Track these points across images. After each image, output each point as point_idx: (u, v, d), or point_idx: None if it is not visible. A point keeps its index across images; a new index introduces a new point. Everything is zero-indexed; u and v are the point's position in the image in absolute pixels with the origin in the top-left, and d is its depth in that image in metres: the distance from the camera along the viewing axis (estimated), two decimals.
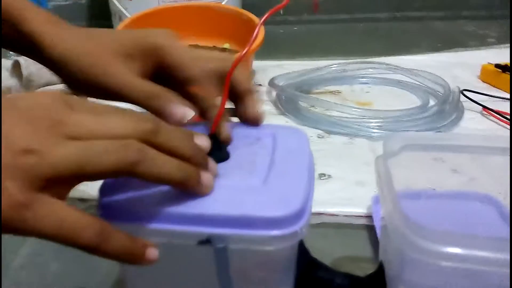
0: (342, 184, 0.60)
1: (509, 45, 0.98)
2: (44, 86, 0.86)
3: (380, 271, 0.38)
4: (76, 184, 0.26)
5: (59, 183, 0.25)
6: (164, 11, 0.98)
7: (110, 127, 0.27)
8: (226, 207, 0.30)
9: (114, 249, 0.27)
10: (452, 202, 0.47)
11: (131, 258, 0.28)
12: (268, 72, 0.90)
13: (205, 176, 0.31)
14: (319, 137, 0.71)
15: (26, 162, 0.24)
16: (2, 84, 0.87)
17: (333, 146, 0.69)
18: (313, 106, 0.77)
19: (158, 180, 0.28)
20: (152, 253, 0.28)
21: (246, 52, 0.35)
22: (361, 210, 0.55)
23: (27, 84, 0.86)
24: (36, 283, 0.49)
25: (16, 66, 0.86)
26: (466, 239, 0.30)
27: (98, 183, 0.32)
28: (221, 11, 0.96)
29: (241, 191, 0.31)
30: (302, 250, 0.37)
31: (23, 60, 0.85)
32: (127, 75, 0.37)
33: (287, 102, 0.78)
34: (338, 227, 0.54)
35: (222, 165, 0.34)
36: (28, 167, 0.24)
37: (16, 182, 0.24)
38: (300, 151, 0.36)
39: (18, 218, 0.24)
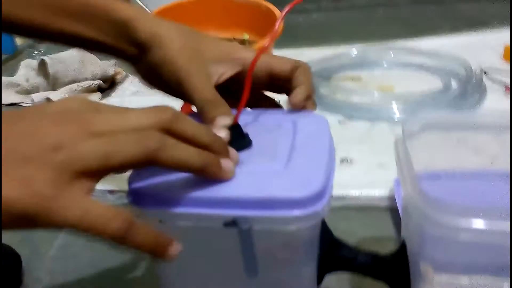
0: (364, 167, 0.61)
1: None
2: (69, 84, 0.88)
3: (402, 249, 0.39)
4: (103, 177, 0.28)
5: (86, 176, 0.26)
6: (183, 5, 0.99)
7: (132, 121, 0.28)
8: (250, 190, 0.31)
9: (139, 241, 0.28)
10: (473, 182, 0.47)
11: (155, 251, 0.29)
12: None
13: (225, 162, 0.32)
14: (340, 123, 0.72)
15: (55, 157, 0.26)
16: (30, 82, 0.90)
17: (355, 131, 0.69)
18: (333, 93, 0.78)
19: (178, 166, 0.29)
20: (174, 249, 0.30)
21: (268, 45, 0.36)
22: (384, 192, 0.56)
23: (54, 82, 0.88)
24: (69, 272, 0.52)
25: (43, 65, 0.89)
26: (484, 212, 0.30)
27: (126, 176, 0.34)
28: (240, 3, 0.97)
29: (264, 175, 0.32)
30: (324, 230, 0.38)
31: (49, 59, 0.88)
32: (204, 78, 0.38)
33: None
34: (361, 209, 0.55)
35: (245, 152, 0.35)
36: (57, 161, 0.26)
37: (45, 175, 0.25)
38: (321, 135, 0.37)
39: (46, 211, 0.25)
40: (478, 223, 0.30)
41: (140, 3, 1.10)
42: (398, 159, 0.39)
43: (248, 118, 0.39)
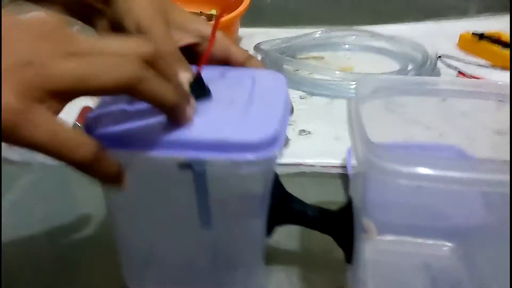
0: (321, 139, 0.64)
1: (487, 15, 1.01)
2: None
3: (348, 205, 0.41)
4: (73, 99, 0.27)
5: (57, 96, 0.26)
6: None
7: (113, 45, 0.28)
8: (205, 133, 0.32)
9: (103, 170, 0.29)
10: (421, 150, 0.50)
11: (114, 181, 0.30)
12: (254, 38, 0.93)
13: (188, 107, 0.33)
14: (301, 98, 0.75)
15: (26, 73, 0.25)
16: None
17: (315, 106, 0.72)
18: (297, 70, 0.80)
19: (153, 100, 0.29)
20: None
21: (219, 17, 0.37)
22: (337, 161, 0.59)
23: None
24: (21, 227, 0.52)
25: None
26: (425, 160, 0.32)
27: None
28: None
29: (220, 121, 0.34)
30: (277, 183, 0.41)
31: None
32: (167, 32, 0.38)
33: (272, 66, 0.81)
34: (315, 176, 0.58)
35: (205, 102, 0.36)
36: (28, 77, 0.25)
37: (14, 90, 0.25)
38: (278, 89, 0.39)
39: (13, 125, 0.25)
40: (417, 169, 0.31)
41: None
42: (350, 116, 0.41)
43: (209, 73, 0.40)
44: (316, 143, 0.63)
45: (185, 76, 0.36)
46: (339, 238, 0.42)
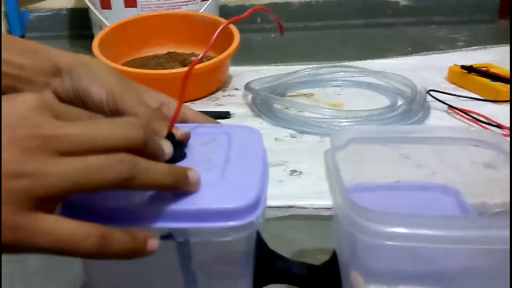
0: (313, 179, 0.63)
1: (476, 47, 1.02)
2: None
3: (333, 259, 0.40)
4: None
5: (52, 199, 0.25)
6: (143, 20, 1.01)
7: (102, 137, 0.27)
8: (185, 202, 0.31)
9: (116, 251, 0.27)
10: (400, 192, 0.49)
11: (134, 254, 0.28)
12: (244, 76, 0.93)
13: (192, 174, 0.31)
14: (292, 137, 0.74)
15: (18, 186, 0.24)
16: None
17: (306, 144, 0.72)
18: (287, 108, 0.81)
19: (151, 188, 0.29)
20: (153, 244, 0.29)
21: (202, 56, 0.37)
22: (329, 203, 0.57)
23: None
24: (17, 277, 0.51)
25: None
26: (410, 219, 0.31)
27: None
28: (199, 19, 0.99)
29: (200, 186, 0.32)
30: (259, 242, 0.39)
31: None
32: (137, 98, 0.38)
33: (262, 105, 0.81)
34: (307, 218, 0.57)
35: (180, 164, 0.35)
36: (21, 190, 0.24)
37: (9, 206, 0.24)
38: (254, 147, 0.38)
39: (15, 240, 0.24)
40: (404, 230, 0.31)
41: (101, 18, 1.11)
42: (328, 170, 0.40)
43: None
44: (308, 183, 0.62)
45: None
46: None
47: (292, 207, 0.58)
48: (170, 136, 0.35)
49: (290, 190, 0.61)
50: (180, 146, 0.36)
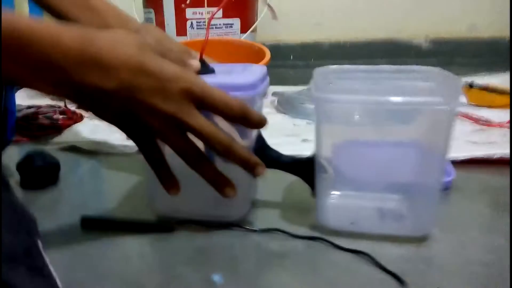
0: None
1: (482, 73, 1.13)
2: None
3: (312, 156, 0.54)
4: None
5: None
6: (191, 45, 1.19)
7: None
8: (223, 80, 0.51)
9: (238, 156, 0.44)
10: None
11: (249, 166, 0.45)
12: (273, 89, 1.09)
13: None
14: (307, 123, 0.90)
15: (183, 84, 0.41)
16: None
17: None
18: (302, 103, 0.96)
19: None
20: (261, 169, 0.45)
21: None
22: None
23: None
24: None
25: None
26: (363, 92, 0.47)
27: None
28: (237, 44, 1.17)
29: (226, 78, 0.52)
30: (260, 137, 0.54)
31: None
32: None
33: (286, 103, 0.97)
34: None
35: (211, 75, 0.52)
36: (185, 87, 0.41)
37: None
38: (260, 71, 0.54)
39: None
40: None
41: None
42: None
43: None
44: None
45: (194, 62, 0.51)
46: (305, 177, 0.55)
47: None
48: (202, 60, 0.53)
49: (301, 151, 0.73)
50: (209, 66, 0.53)
